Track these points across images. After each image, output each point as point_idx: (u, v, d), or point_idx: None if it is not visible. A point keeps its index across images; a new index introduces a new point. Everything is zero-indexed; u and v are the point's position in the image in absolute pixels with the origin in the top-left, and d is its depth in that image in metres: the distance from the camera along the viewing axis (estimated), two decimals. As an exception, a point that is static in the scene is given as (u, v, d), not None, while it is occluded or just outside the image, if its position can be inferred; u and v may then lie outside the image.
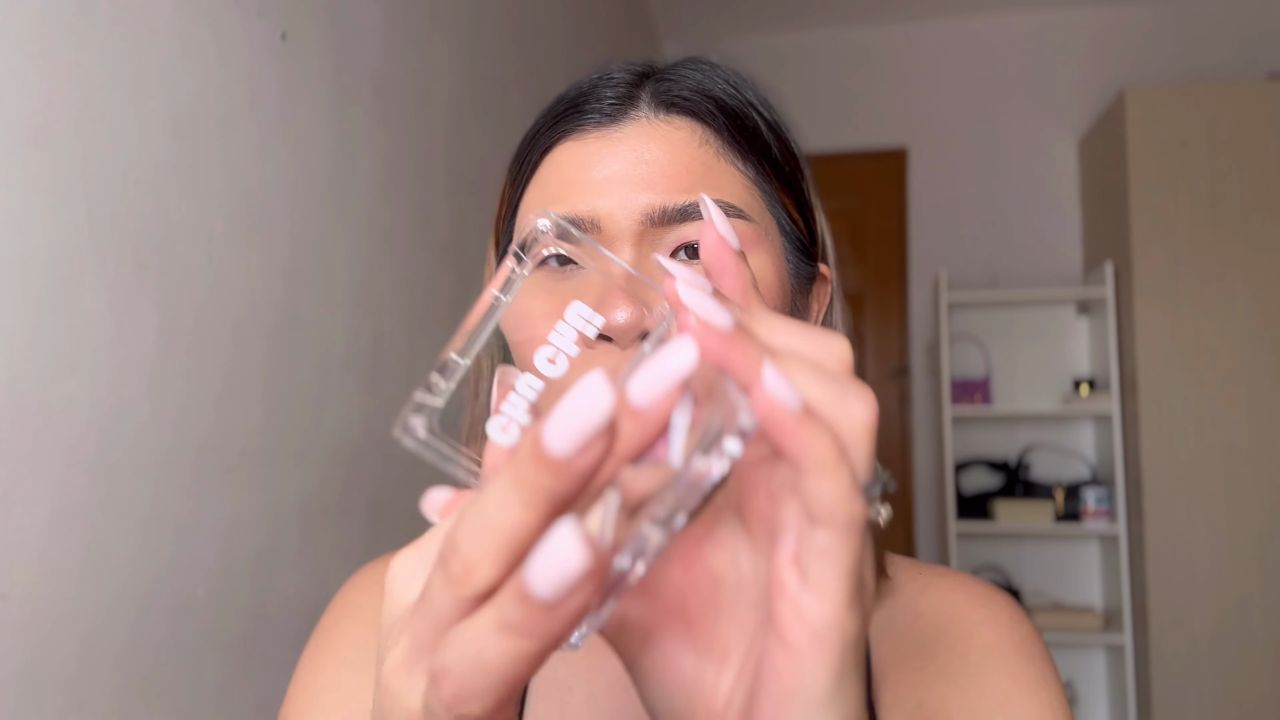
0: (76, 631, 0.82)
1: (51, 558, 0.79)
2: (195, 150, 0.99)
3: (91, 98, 0.84)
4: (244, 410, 1.07)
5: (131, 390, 0.89)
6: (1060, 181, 3.21)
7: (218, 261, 1.03)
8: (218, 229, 1.03)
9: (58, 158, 0.80)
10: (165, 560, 0.93)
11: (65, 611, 0.81)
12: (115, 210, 0.87)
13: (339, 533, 1.30)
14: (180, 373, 0.96)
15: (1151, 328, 2.64)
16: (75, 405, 0.82)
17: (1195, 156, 2.64)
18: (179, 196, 0.96)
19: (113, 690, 0.86)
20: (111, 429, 0.86)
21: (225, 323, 1.04)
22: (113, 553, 0.87)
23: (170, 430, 0.94)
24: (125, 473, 0.88)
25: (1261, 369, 2.57)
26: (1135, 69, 3.13)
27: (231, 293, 1.05)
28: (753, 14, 3.30)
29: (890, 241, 3.30)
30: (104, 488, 0.85)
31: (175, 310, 0.95)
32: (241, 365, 1.07)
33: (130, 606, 0.89)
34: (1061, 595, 3.04)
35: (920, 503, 3.24)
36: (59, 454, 0.80)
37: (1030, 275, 3.17)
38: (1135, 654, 2.69)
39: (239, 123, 1.07)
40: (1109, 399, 2.79)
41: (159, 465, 0.93)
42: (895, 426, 3.25)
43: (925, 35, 3.34)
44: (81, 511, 0.83)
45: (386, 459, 1.42)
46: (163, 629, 0.93)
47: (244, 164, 1.08)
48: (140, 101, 0.91)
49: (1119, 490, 2.75)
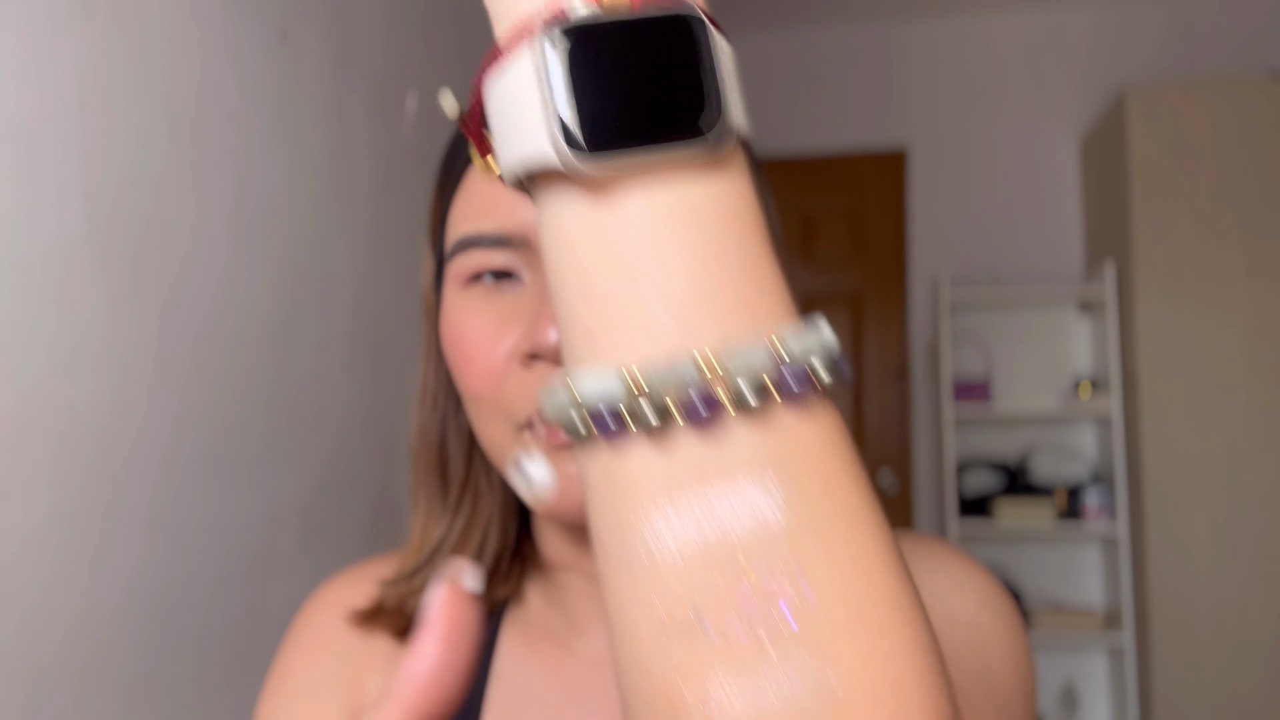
0: (75, 632, 0.82)
1: (50, 558, 0.79)
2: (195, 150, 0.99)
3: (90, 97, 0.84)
4: (244, 410, 1.07)
5: (130, 390, 0.89)
6: (1061, 181, 3.21)
7: (217, 261, 1.02)
8: (217, 228, 1.02)
9: (56, 157, 0.80)
10: (165, 560, 0.93)
11: (64, 612, 0.81)
12: (114, 210, 0.87)
13: (339, 533, 1.30)
14: (180, 373, 0.96)
15: (1153, 327, 2.64)
16: (74, 405, 0.82)
17: (1197, 155, 2.63)
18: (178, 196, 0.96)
19: (112, 690, 0.86)
20: (110, 429, 0.86)
21: (225, 323, 1.04)
22: (112, 553, 0.86)
23: (170, 430, 0.94)
24: (124, 473, 0.88)
25: (1264, 368, 2.56)
26: (1136, 68, 3.13)
27: (231, 293, 1.05)
28: (752, 14, 3.29)
29: (890, 241, 3.30)
30: (103, 488, 0.85)
31: (175, 310, 0.95)
32: (241, 365, 1.06)
33: (129, 607, 0.88)
34: (1062, 596, 3.03)
35: (921, 503, 3.23)
36: (57, 454, 0.80)
37: (1031, 275, 3.17)
38: (1137, 655, 2.69)
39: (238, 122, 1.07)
40: (1110, 399, 2.79)
41: (158, 465, 0.92)
42: (895, 427, 3.24)
43: (925, 35, 3.34)
44: (80, 512, 0.82)
45: (386, 459, 1.41)
46: (162, 629, 0.93)
47: (244, 164, 1.07)
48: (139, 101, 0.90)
49: (1120, 490, 2.75)
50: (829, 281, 3.30)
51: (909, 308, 3.27)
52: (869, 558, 0.24)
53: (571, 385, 0.25)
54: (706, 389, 0.23)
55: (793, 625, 0.23)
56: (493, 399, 0.47)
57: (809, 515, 0.23)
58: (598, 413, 0.24)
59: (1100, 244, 2.98)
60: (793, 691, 0.22)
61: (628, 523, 0.24)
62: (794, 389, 0.24)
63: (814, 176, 3.35)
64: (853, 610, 0.23)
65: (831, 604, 0.23)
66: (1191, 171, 2.63)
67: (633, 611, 0.24)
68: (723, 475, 0.23)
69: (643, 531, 0.24)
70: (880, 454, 3.24)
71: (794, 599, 0.23)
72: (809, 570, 0.23)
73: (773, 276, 0.25)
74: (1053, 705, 3.00)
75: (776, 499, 0.23)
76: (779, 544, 0.23)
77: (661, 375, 0.23)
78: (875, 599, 0.23)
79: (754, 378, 0.23)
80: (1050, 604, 2.96)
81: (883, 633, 0.23)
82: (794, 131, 3.37)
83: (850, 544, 0.24)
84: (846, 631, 0.23)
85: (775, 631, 0.23)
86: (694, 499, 0.23)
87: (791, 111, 3.38)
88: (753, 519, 0.23)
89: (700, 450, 0.24)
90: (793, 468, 0.24)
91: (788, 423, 0.24)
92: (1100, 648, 2.95)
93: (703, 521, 0.23)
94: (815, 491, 0.24)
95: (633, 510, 0.24)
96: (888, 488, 3.21)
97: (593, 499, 0.26)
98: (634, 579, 0.24)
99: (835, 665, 0.23)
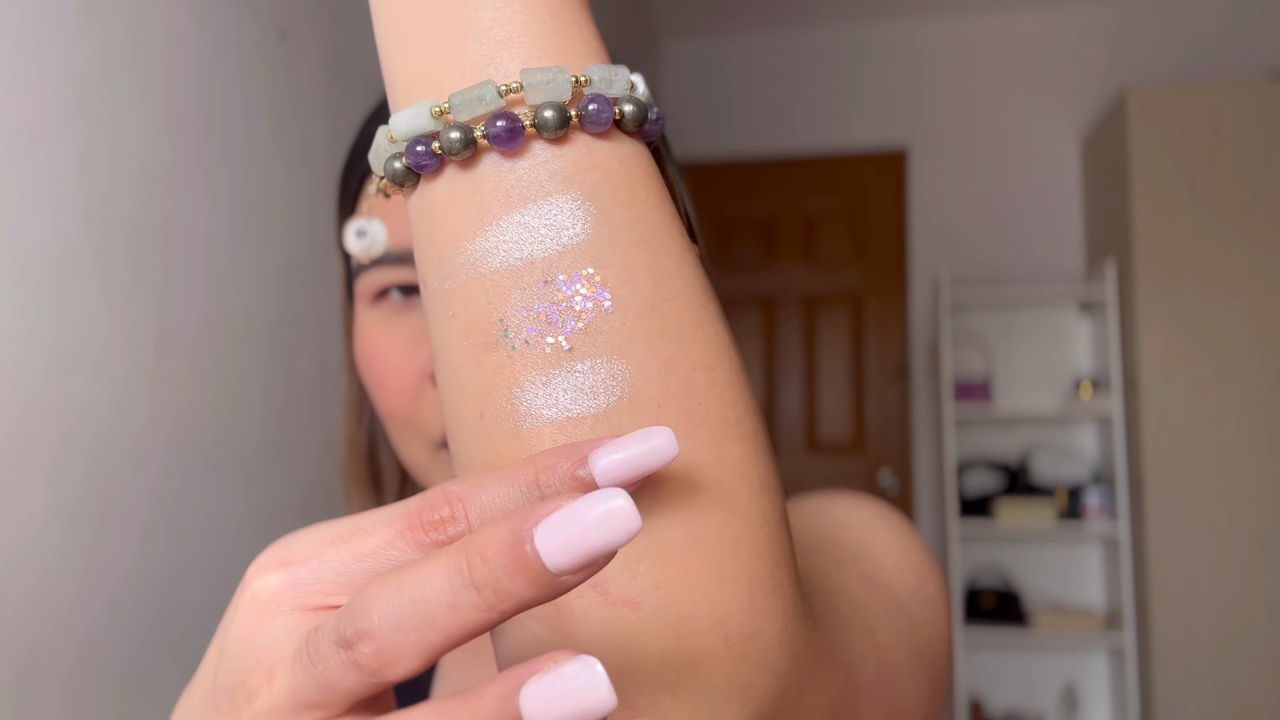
0: (74, 632, 0.82)
1: (49, 558, 0.79)
2: (194, 149, 0.99)
3: (90, 96, 0.84)
4: (244, 410, 1.07)
5: (130, 390, 0.89)
6: (1061, 180, 3.21)
7: (217, 261, 1.02)
8: (217, 229, 1.02)
9: (56, 157, 0.80)
10: (163, 561, 0.93)
11: (63, 612, 0.81)
12: (113, 210, 0.87)
13: (339, 533, 1.30)
14: (179, 373, 0.96)
15: (1153, 327, 2.64)
16: (73, 405, 0.82)
17: (1197, 155, 2.63)
18: (178, 196, 0.96)
19: (111, 691, 0.86)
20: (109, 429, 0.86)
21: (225, 323, 1.04)
22: (110, 553, 0.86)
23: (169, 430, 0.94)
24: (123, 473, 0.88)
25: (1264, 368, 2.56)
26: (1137, 68, 3.13)
27: (231, 293, 1.05)
28: (753, 13, 3.29)
29: (890, 241, 3.30)
30: (102, 488, 0.85)
31: (174, 310, 0.95)
32: (241, 365, 1.06)
33: (128, 607, 0.88)
34: (1063, 596, 3.03)
35: (921, 503, 3.23)
36: (56, 454, 0.80)
37: (1031, 274, 3.17)
38: (1137, 655, 2.69)
39: (238, 122, 1.07)
40: (1111, 399, 2.79)
41: (157, 465, 0.92)
42: (896, 427, 3.24)
43: (925, 35, 3.33)
44: (79, 512, 0.82)
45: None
46: (161, 630, 0.93)
47: (243, 164, 1.07)
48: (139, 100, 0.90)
49: (1121, 490, 2.74)
50: (829, 281, 3.30)
51: (909, 308, 3.27)
52: (666, 271, 0.25)
53: (389, 130, 0.26)
54: (509, 113, 0.24)
55: (592, 329, 0.24)
56: (407, 418, 0.47)
57: (608, 231, 0.24)
58: (410, 146, 0.25)
59: (1101, 244, 2.98)
60: (594, 394, 0.23)
61: (444, 252, 0.25)
62: (595, 115, 0.24)
63: (814, 176, 3.34)
64: (649, 318, 0.24)
65: (628, 311, 0.24)
66: (1192, 171, 2.63)
67: (448, 335, 0.25)
68: (527, 195, 0.24)
69: (457, 257, 0.25)
70: (880, 454, 3.24)
71: (593, 306, 0.24)
72: (608, 280, 0.24)
73: (579, 18, 0.26)
74: (1053, 706, 2.99)
75: (577, 216, 0.24)
76: (578, 257, 0.24)
77: (468, 104, 0.24)
78: (673, 310, 0.24)
79: (555, 103, 0.24)
80: (1051, 604, 2.96)
81: (681, 341, 0.24)
82: (794, 131, 3.37)
83: (648, 257, 0.25)
84: (644, 337, 0.24)
85: (575, 336, 0.23)
86: (502, 220, 0.24)
87: (791, 111, 3.38)
88: (554, 235, 0.24)
89: (505, 173, 0.25)
90: (594, 188, 0.25)
91: (590, 147, 0.25)
92: (1101, 648, 2.95)
93: (509, 240, 0.24)
94: (616, 211, 0.25)
95: (447, 238, 0.25)
96: (888, 488, 3.20)
97: (417, 240, 0.26)
98: (449, 304, 0.25)
99: (635, 367, 0.23)
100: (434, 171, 0.25)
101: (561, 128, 0.24)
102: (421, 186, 0.26)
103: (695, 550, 0.23)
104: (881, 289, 3.29)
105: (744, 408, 0.25)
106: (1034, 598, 3.01)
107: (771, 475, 0.26)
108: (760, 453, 0.25)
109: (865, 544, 0.44)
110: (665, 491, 0.23)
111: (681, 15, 3.32)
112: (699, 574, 0.23)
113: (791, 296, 3.31)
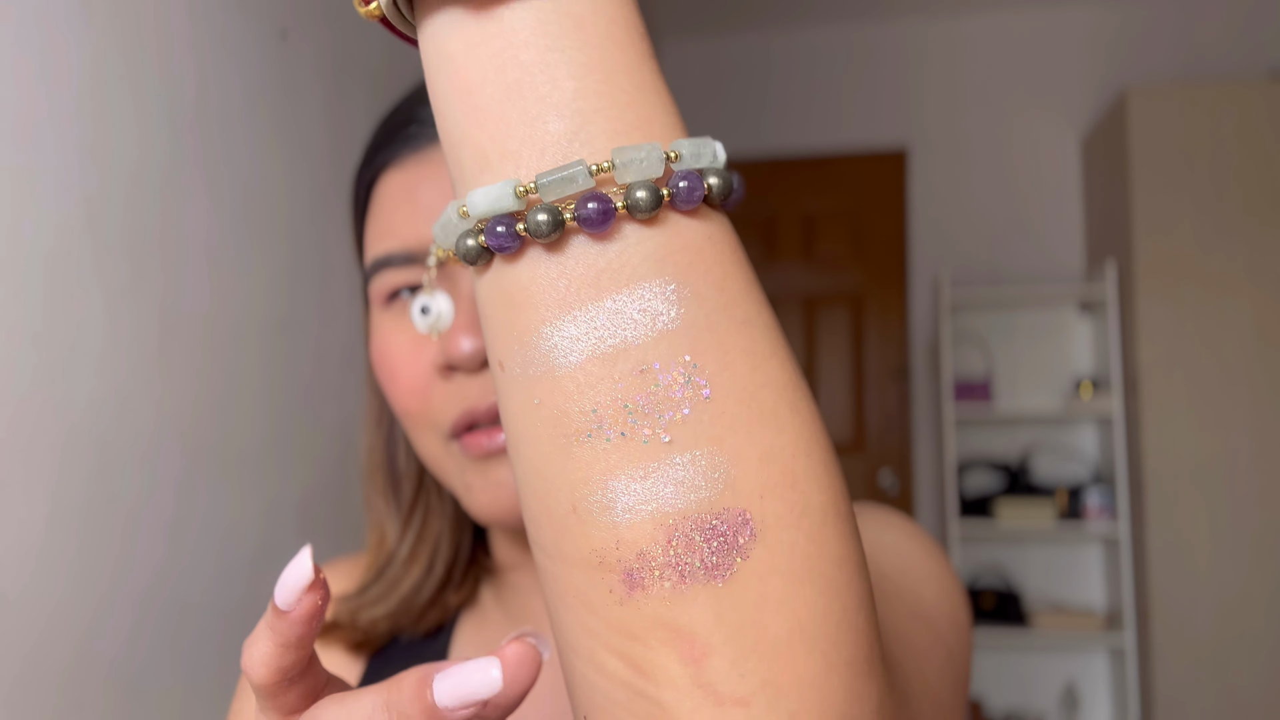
0: (74, 632, 0.82)
1: (49, 557, 0.79)
2: (194, 149, 0.99)
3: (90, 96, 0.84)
4: (244, 410, 1.07)
5: (130, 390, 0.89)
6: (1061, 180, 3.21)
7: (217, 261, 1.02)
8: (217, 228, 1.02)
9: (56, 156, 0.80)
10: (163, 560, 0.93)
11: (63, 611, 0.81)
12: (114, 209, 0.87)
13: (338, 533, 1.30)
14: (179, 372, 0.96)
15: (1154, 327, 2.64)
16: (72, 404, 0.82)
17: (1198, 155, 2.63)
18: (178, 196, 0.96)
19: (110, 691, 0.86)
20: (109, 429, 0.86)
21: (225, 323, 1.04)
22: (110, 553, 0.86)
23: (169, 430, 0.94)
24: (123, 473, 0.88)
25: (1265, 368, 2.56)
26: (1137, 68, 3.13)
27: (231, 293, 1.05)
28: (753, 13, 3.29)
29: (890, 241, 3.30)
30: (101, 487, 0.85)
31: (174, 310, 0.95)
32: (241, 365, 1.06)
33: (128, 607, 0.88)
34: (1063, 596, 3.03)
35: (921, 503, 3.23)
36: (56, 453, 0.80)
37: (1032, 274, 3.17)
38: (1138, 655, 2.69)
39: (238, 122, 1.07)
40: (1111, 399, 2.79)
41: (157, 465, 0.92)
42: (896, 427, 3.24)
43: (925, 35, 3.33)
44: (79, 511, 0.82)
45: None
46: (160, 629, 0.93)
47: (243, 163, 1.07)
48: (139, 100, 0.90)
49: (1121, 491, 2.74)
50: (829, 281, 3.30)
51: (909, 308, 3.27)
52: (763, 355, 0.24)
53: (462, 205, 0.24)
54: (601, 194, 0.23)
55: (692, 420, 0.23)
56: (420, 413, 0.48)
57: (703, 315, 0.23)
58: (491, 226, 0.24)
59: (1101, 244, 2.98)
60: (695, 488, 0.22)
61: (526, 337, 0.24)
62: (687, 193, 0.23)
63: (814, 176, 3.34)
64: (749, 406, 0.23)
65: (727, 400, 0.23)
66: (1192, 171, 2.63)
67: (533, 424, 0.24)
68: (618, 280, 0.23)
69: (541, 343, 0.24)
70: (880, 454, 3.24)
71: (691, 395, 0.23)
72: (705, 367, 0.23)
73: (659, 88, 0.25)
74: (1053, 706, 2.99)
75: (671, 300, 0.23)
76: (674, 343, 0.23)
77: (555, 183, 0.23)
78: (771, 395, 0.24)
79: (647, 182, 0.23)
80: (1051, 604, 2.96)
81: (780, 429, 0.23)
82: (794, 131, 3.37)
83: (744, 342, 0.24)
84: (744, 427, 0.23)
85: (673, 427, 0.23)
86: (591, 305, 0.23)
87: (792, 111, 3.38)
88: (648, 321, 0.23)
89: (595, 256, 0.23)
90: (687, 270, 0.24)
91: (681, 226, 0.24)
92: (1101, 648, 2.95)
93: (600, 327, 0.23)
94: (709, 293, 0.24)
95: (530, 324, 0.24)
96: (888, 488, 3.20)
97: (490, 321, 0.25)
98: (534, 392, 0.24)
99: (734, 460, 0.23)
100: (514, 253, 0.24)
101: (655, 208, 0.23)
102: (498, 266, 0.24)
103: (801, 643, 0.23)
104: (881, 289, 3.29)
105: (840, 490, 0.24)
106: (1034, 598, 3.01)
107: (863, 554, 0.25)
108: (855, 534, 0.25)
109: (903, 573, 0.44)
110: (771, 585, 0.23)
111: (681, 15, 3.32)
112: (805, 667, 0.23)
113: (791, 296, 3.31)
